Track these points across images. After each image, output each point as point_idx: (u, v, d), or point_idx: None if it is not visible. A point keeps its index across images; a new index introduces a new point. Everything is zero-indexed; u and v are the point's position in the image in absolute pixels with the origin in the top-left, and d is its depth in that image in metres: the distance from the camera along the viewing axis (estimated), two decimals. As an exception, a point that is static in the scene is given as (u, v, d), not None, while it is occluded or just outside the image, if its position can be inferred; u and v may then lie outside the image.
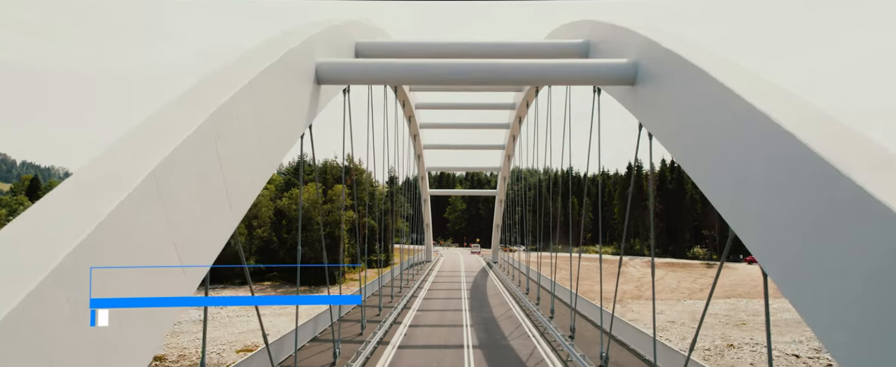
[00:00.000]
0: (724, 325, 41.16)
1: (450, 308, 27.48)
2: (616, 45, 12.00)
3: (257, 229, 65.96)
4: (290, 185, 74.97)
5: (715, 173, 7.18)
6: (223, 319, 48.17)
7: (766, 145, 5.80)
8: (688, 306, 50.36)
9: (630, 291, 58.54)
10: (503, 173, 48.55)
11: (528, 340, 19.52)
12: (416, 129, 39.62)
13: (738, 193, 6.48)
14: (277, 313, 47.50)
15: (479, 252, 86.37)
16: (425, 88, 33.24)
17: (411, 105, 34.01)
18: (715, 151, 7.11)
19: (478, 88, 30.55)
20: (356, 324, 21.42)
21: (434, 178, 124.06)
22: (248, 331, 40.57)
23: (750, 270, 66.69)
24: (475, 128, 42.25)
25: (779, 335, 37.70)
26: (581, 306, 25.20)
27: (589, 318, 23.53)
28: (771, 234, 5.77)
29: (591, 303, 24.16)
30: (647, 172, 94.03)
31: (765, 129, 5.80)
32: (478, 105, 37.35)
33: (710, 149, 7.28)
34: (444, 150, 46.79)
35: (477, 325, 22.37)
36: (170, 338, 38.40)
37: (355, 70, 11.18)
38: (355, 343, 17.84)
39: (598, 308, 22.32)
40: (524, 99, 31.45)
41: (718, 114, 6.99)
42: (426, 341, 19.35)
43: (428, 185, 55.05)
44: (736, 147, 6.51)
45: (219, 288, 59.01)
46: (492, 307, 28.09)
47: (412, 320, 23.67)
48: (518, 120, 35.60)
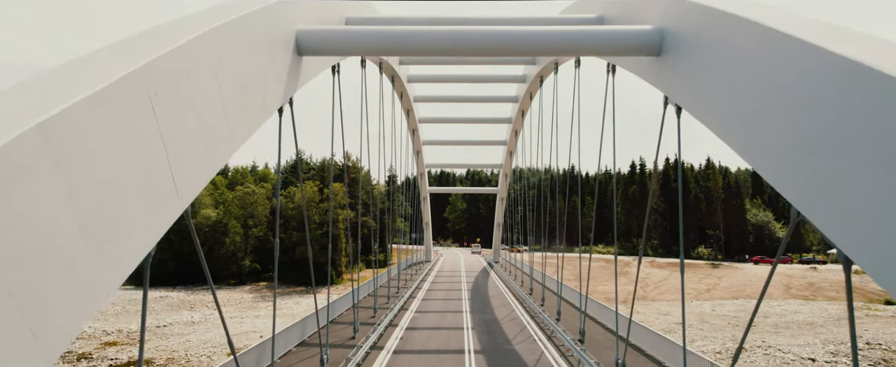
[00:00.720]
0: (733, 327, 39.77)
1: (450, 310, 26.10)
2: (635, 14, 10.64)
3: (253, 228, 64.56)
4: (287, 183, 73.57)
5: (780, 149, 5.77)
6: (217, 320, 46.74)
7: (863, 104, 4.41)
8: (695, 307, 48.93)
9: (635, 292, 57.12)
10: (505, 170, 47.14)
11: (535, 344, 18.13)
12: (415, 123, 38.23)
13: (818, 172, 5.06)
14: (270, 314, 46.08)
15: (479, 252, 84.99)
16: (425, 81, 31.89)
17: (409, 97, 32.61)
18: (780, 122, 5.70)
19: (480, 61, 28.95)
20: (348, 327, 20.02)
21: (434, 177, 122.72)
22: (242, 333, 39.17)
23: (756, 270, 65.33)
24: (476, 123, 40.88)
25: (791, 337, 36.33)
26: (590, 308, 23.84)
27: (599, 321, 22.15)
28: (864, 221, 4.39)
29: (602, 305, 22.77)
30: (649, 171, 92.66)
31: (860, 84, 4.42)
32: (479, 98, 36.02)
33: (772, 120, 5.87)
34: (443, 145, 45.37)
35: (479, 328, 20.99)
36: (158, 340, 37.03)
37: (342, 39, 9.79)
38: (346, 348, 16.46)
39: (608, 310, 20.95)
40: (527, 90, 30.07)
41: (785, 73, 5.60)
42: (424, 345, 17.96)
43: (427, 182, 53.66)
44: (815, 113, 5.09)
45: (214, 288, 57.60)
46: (494, 308, 26.72)
47: (409, 322, 22.29)
48: (520, 113, 34.22)
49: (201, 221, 60.55)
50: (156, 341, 37.24)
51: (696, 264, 73.10)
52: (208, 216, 61.19)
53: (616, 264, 14.23)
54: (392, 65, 24.61)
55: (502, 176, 49.12)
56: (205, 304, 51.59)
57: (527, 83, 29.66)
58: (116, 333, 39.55)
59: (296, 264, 59.65)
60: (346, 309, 24.03)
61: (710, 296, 54.74)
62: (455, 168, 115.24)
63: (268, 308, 49.28)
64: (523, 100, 31.93)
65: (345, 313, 23.31)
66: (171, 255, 59.95)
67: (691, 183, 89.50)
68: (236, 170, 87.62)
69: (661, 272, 69.03)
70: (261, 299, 54.84)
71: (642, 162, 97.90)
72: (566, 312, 23.87)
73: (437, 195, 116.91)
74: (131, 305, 49.01)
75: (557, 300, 22.56)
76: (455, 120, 40.12)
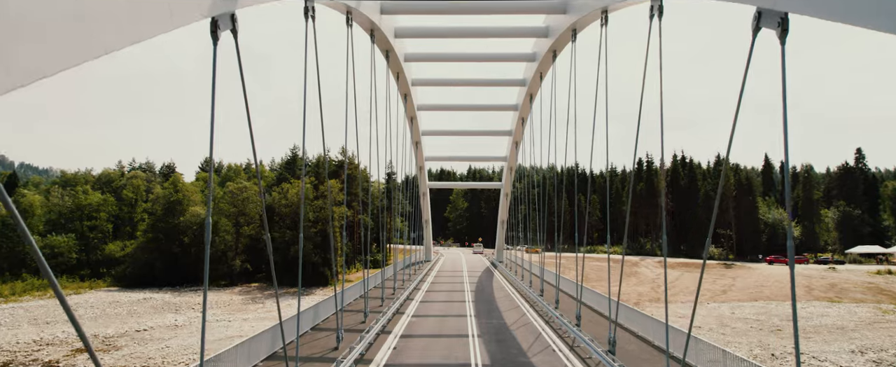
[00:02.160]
0: (758, 331, 36.70)
1: (452, 313, 23.14)
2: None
3: (245, 226, 61.54)
4: (281, 180, 70.61)
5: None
6: (199, 324, 43.65)
7: None
8: (713, 309, 45.88)
9: (646, 293, 54.12)
10: (509, 163, 44.06)
11: (555, 355, 15.14)
12: (413, 110, 35.25)
13: None
14: (261, 317, 43.16)
15: (481, 252, 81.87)
16: (423, 60, 28.89)
17: (407, 78, 29.60)
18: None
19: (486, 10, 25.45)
20: (332, 335, 16.98)
21: (434, 175, 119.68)
22: (226, 338, 36.13)
23: (771, 270, 62.30)
24: (479, 110, 37.77)
25: (823, 342, 33.29)
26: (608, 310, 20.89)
27: (627, 328, 19.18)
28: None
29: (632, 309, 19.80)
30: (657, 168, 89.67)
31: None
32: (482, 81, 33.02)
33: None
34: (444, 136, 42.38)
35: (486, 335, 18.02)
36: (135, 346, 34.05)
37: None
38: (326, 362, 13.47)
39: (636, 314, 17.99)
40: (537, 70, 27.01)
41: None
42: (422, 357, 14.97)
43: (427, 177, 50.61)
44: None
45: (199, 290, 54.60)
46: (502, 311, 23.75)
47: (405, 328, 19.32)
48: (529, 98, 31.16)
49: (189, 218, 57.60)
50: (132, 346, 34.26)
51: (708, 263, 70.07)
52: (197, 214, 58.20)
53: (665, 270, 11.24)
54: (385, 34, 21.64)
55: (507, 169, 46.06)
56: (191, 306, 48.60)
57: (536, 61, 26.61)
58: (91, 338, 36.56)
59: (289, 263, 56.66)
60: (331, 313, 21.05)
61: (726, 298, 51.70)
62: (455, 161, 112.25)
63: (258, 311, 46.33)
64: (532, 81, 28.87)
65: (330, 317, 20.34)
66: (158, 254, 56.99)
67: (700, 180, 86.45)
68: (230, 167, 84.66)
69: (671, 273, 65.95)
70: (251, 302, 51.83)
71: (649, 159, 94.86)
72: (589, 317, 20.89)
73: (438, 194, 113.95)
74: (112, 307, 46.12)
75: (577, 305, 19.58)
76: (456, 107, 37.11)
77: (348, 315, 22.49)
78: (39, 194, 72.32)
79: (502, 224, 52.70)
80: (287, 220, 58.74)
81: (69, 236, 60.25)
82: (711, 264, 69.76)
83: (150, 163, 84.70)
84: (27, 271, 55.95)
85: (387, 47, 23.32)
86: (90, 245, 62.15)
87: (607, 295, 15.36)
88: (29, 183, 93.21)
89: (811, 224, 79.16)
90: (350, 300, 26.20)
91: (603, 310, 22.27)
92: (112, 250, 61.29)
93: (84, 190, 66.02)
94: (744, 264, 71.05)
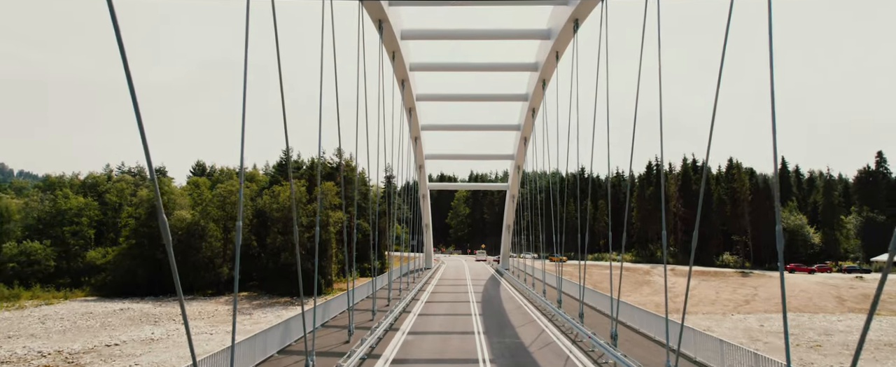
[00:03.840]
0: (795, 347, 32.95)
1: (456, 330, 19.52)
2: None
3: (234, 231, 57.87)
4: (274, 183, 67.08)
5: None
6: (182, 336, 39.87)
7: None
8: (739, 321, 42.11)
9: (663, 303, 50.27)
10: (517, 162, 40.44)
11: None
12: (412, 101, 31.74)
13: None
14: (246, 329, 39.32)
15: (485, 260, 77.91)
16: (421, 37, 25.39)
17: (404, 61, 26.09)
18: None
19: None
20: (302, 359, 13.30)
21: (433, 180, 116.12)
22: (204, 353, 32.38)
23: (796, 279, 58.44)
24: (484, 100, 34.21)
25: (875, 362, 29.52)
26: (651, 327, 17.29)
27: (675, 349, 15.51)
28: None
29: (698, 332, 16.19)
30: (665, 172, 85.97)
31: None
32: (488, 66, 29.53)
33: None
34: (445, 131, 38.85)
35: (500, 360, 14.41)
36: (100, 363, 30.36)
37: None
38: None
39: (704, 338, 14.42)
40: (553, 48, 23.41)
41: None
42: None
43: (427, 177, 47.01)
44: None
45: (187, 299, 50.81)
46: (515, 327, 20.11)
47: (400, 349, 15.72)
48: (541, 84, 27.61)
49: (175, 222, 54.00)
50: (97, 364, 30.56)
51: (724, 272, 66.21)
52: (183, 218, 54.61)
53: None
54: None
55: (513, 169, 42.44)
56: (172, 317, 44.91)
57: (552, 39, 23.05)
58: (54, 355, 32.86)
59: (281, 271, 53.00)
60: (310, 331, 17.43)
61: (751, 309, 47.89)
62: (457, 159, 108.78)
63: (245, 322, 42.62)
64: (546, 65, 25.34)
65: (308, 335, 16.73)
66: (140, 261, 53.38)
67: (713, 185, 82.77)
68: (221, 170, 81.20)
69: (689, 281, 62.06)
70: (238, 313, 48.13)
71: (658, 162, 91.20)
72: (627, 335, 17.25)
73: (438, 200, 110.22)
74: (83, 320, 42.47)
75: (612, 324, 15.95)
76: (460, 97, 33.59)
77: (330, 332, 18.89)
78: (22, 198, 68.91)
79: (508, 229, 48.95)
80: (279, 225, 55.16)
81: (46, 243, 56.66)
82: (728, 272, 65.90)
83: (140, 166, 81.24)
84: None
85: (380, 17, 19.83)
86: (71, 252, 58.55)
87: (684, 321, 11.78)
88: (9, 187, 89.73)
89: (831, 231, 75.39)
90: (335, 314, 22.60)
91: (645, 327, 18.80)
92: (93, 256, 57.65)
93: (65, 194, 62.50)
94: (762, 272, 67.20)
